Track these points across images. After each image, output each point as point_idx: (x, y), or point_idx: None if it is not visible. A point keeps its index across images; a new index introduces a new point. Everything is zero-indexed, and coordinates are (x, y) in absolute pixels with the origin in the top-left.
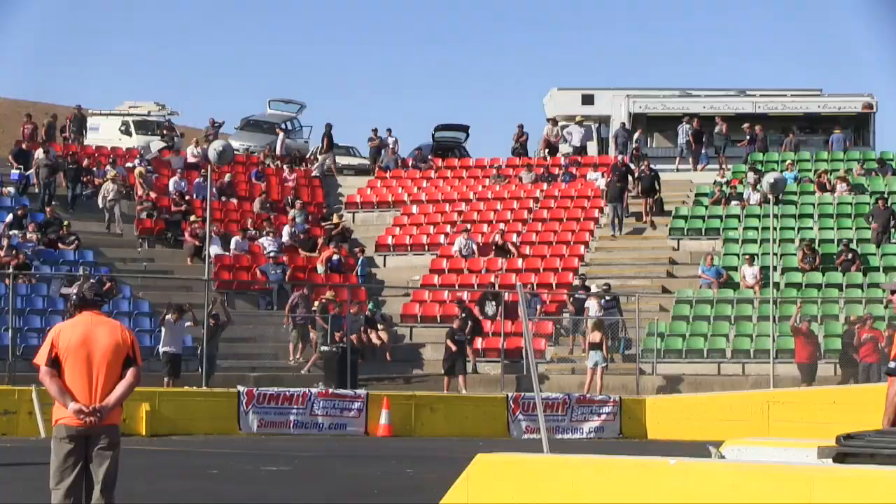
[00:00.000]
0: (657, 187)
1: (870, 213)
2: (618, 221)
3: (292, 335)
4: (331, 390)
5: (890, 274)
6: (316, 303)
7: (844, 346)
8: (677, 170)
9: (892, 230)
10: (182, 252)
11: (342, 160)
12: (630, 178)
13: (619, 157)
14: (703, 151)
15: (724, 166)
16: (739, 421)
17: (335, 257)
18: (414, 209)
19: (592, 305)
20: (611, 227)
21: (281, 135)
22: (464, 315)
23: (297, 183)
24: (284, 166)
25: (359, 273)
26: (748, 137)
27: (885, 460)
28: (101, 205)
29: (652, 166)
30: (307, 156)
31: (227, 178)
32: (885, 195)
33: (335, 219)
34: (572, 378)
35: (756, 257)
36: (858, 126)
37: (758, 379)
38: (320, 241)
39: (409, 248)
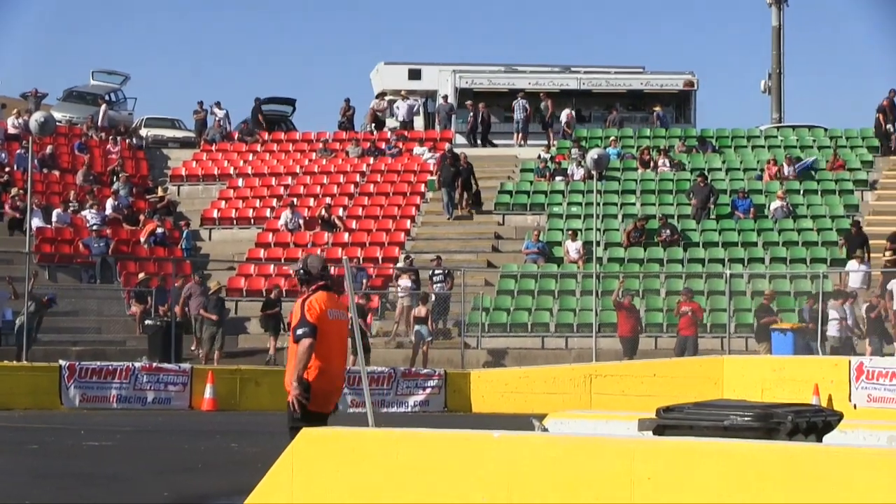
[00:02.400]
0: (473, 181)
1: (690, 190)
2: (451, 206)
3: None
4: (154, 364)
5: (710, 249)
6: (141, 275)
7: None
8: (520, 145)
9: (712, 206)
10: (2, 224)
11: (167, 132)
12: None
13: (449, 148)
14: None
15: (550, 142)
16: (562, 394)
17: (159, 230)
18: (240, 182)
19: (403, 281)
20: (445, 211)
21: (104, 106)
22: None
23: (122, 155)
24: (109, 138)
25: (184, 247)
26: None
27: (703, 432)
28: None
29: (469, 161)
30: (132, 127)
31: (48, 149)
32: (706, 172)
33: (160, 192)
34: (398, 352)
35: (579, 232)
36: (680, 103)
37: (581, 353)
38: (142, 215)
39: (234, 221)
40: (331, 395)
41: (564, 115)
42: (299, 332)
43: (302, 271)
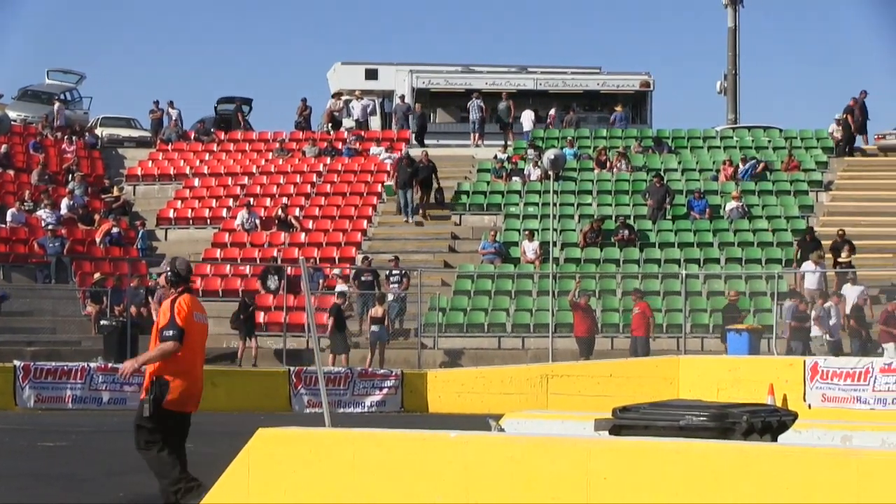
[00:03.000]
0: (434, 180)
1: (646, 190)
2: (408, 208)
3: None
4: (110, 365)
5: (665, 249)
6: (96, 275)
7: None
8: (476, 145)
9: (668, 207)
10: None
11: (123, 132)
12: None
13: (406, 150)
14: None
15: (507, 142)
16: (519, 394)
17: (115, 230)
18: (196, 182)
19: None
20: (402, 213)
21: (59, 105)
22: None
23: (77, 155)
24: (64, 137)
25: (139, 246)
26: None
27: (658, 432)
28: None
29: (431, 159)
30: (87, 126)
31: (3, 148)
32: (662, 172)
33: (115, 191)
34: (354, 352)
35: (536, 233)
36: (636, 104)
37: (537, 353)
38: (98, 214)
39: (190, 221)
40: (191, 396)
41: (527, 116)
42: (168, 333)
43: (170, 273)
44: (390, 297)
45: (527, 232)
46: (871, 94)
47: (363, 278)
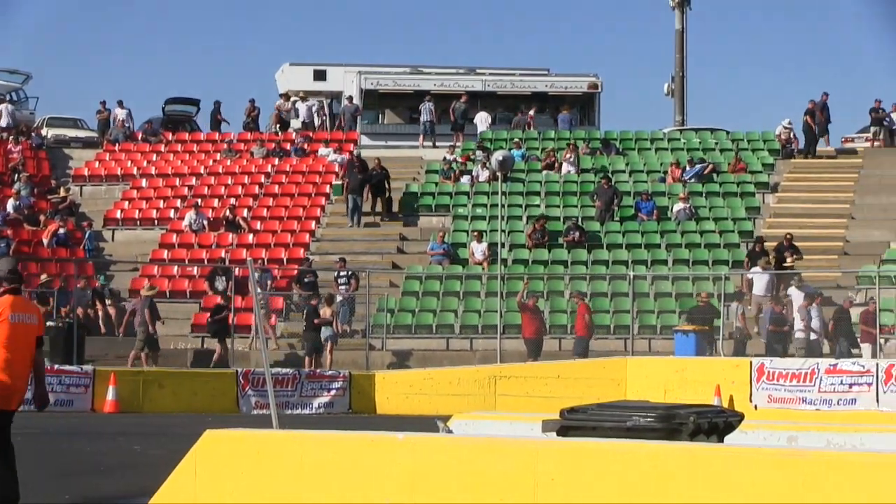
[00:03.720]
0: (387, 186)
1: (594, 192)
2: (357, 213)
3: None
4: (56, 366)
5: (613, 251)
6: (43, 276)
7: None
8: (425, 146)
9: (615, 208)
10: None
11: (69, 132)
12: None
13: (357, 152)
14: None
15: (456, 143)
16: (467, 395)
17: (61, 231)
18: (143, 183)
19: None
20: (349, 218)
21: (5, 105)
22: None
23: (23, 155)
24: (10, 138)
25: (86, 247)
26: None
27: (606, 433)
28: None
29: (384, 165)
30: (33, 127)
31: None
32: (609, 174)
33: (62, 192)
34: (303, 353)
35: (485, 234)
36: (584, 105)
37: (485, 354)
38: (44, 215)
39: (137, 222)
40: (12, 394)
41: (481, 118)
42: None
43: None
44: (339, 298)
45: (475, 233)
46: (812, 98)
47: (306, 280)
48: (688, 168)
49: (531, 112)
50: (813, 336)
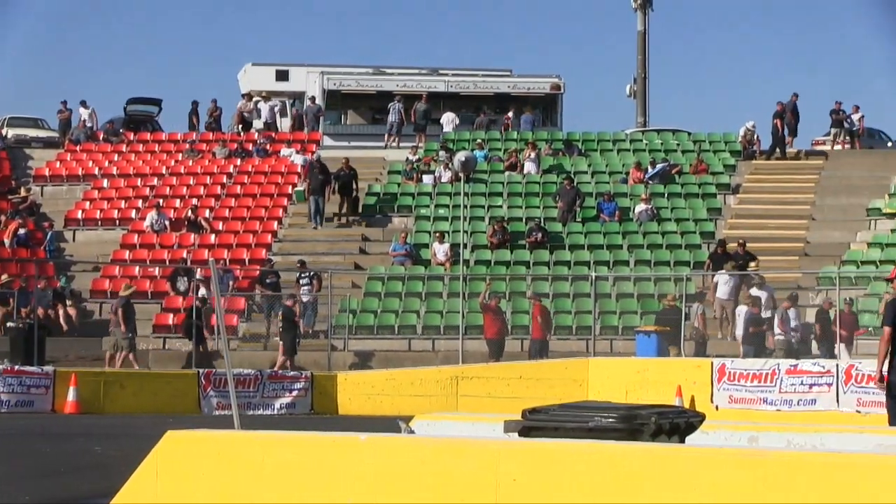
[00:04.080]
0: (354, 186)
1: (556, 193)
2: (319, 215)
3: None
4: (16, 367)
5: (575, 251)
6: (3, 276)
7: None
8: (389, 146)
9: (578, 209)
10: None
11: (30, 132)
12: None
13: (318, 155)
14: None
15: (419, 144)
16: (429, 396)
17: (22, 231)
18: (105, 183)
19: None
20: (311, 219)
21: None
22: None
23: None
24: None
25: (47, 248)
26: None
27: (568, 433)
28: None
29: (351, 165)
30: None
31: None
32: (572, 175)
33: (22, 192)
34: (265, 354)
35: (447, 234)
36: (547, 107)
37: (447, 355)
38: (4, 215)
39: (99, 222)
40: None
41: (447, 118)
42: None
43: None
44: (305, 299)
45: (437, 234)
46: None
47: (268, 280)
48: (650, 169)
49: (509, 114)
50: (793, 337)
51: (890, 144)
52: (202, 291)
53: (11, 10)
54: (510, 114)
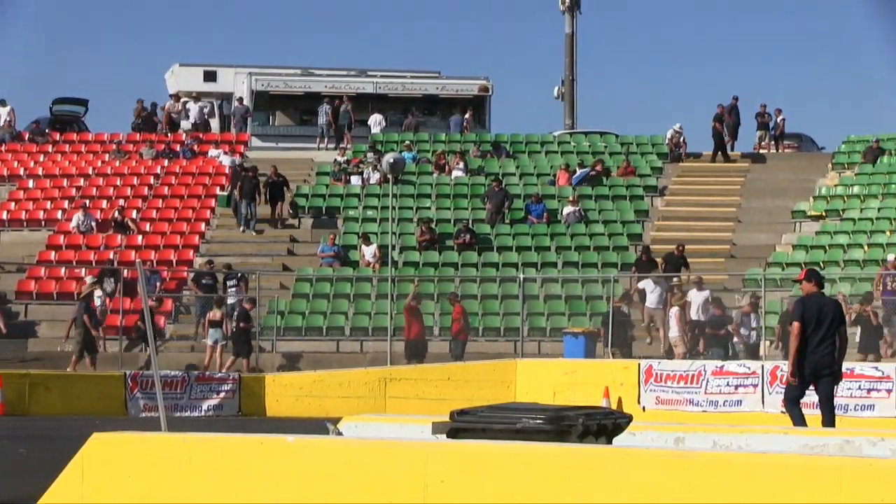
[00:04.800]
0: (285, 192)
1: (485, 195)
2: (251, 220)
3: None
4: None
5: (504, 253)
6: None
7: None
8: (323, 148)
9: (506, 211)
10: None
11: None
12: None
13: (240, 161)
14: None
15: (347, 145)
16: (357, 398)
17: None
18: (30, 184)
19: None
20: (242, 224)
21: None
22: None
23: None
24: None
25: None
26: None
27: (495, 435)
28: None
29: (280, 172)
30: None
31: None
32: (500, 176)
33: None
34: (192, 355)
35: (374, 236)
36: (475, 108)
37: (375, 356)
38: None
39: (24, 223)
40: None
41: (374, 120)
42: None
43: None
44: (230, 300)
45: (364, 236)
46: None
47: (204, 282)
48: (577, 171)
49: (466, 115)
50: (753, 339)
51: (822, 148)
52: (108, 289)
53: None
54: (411, 115)
